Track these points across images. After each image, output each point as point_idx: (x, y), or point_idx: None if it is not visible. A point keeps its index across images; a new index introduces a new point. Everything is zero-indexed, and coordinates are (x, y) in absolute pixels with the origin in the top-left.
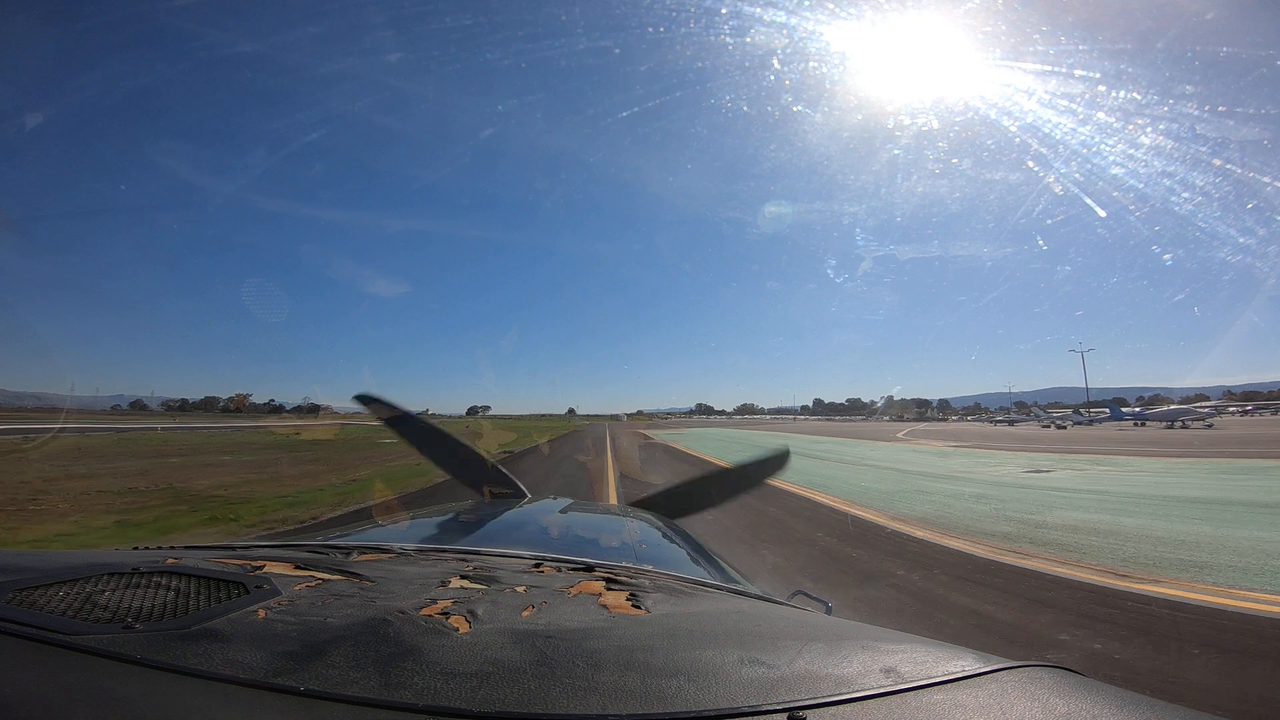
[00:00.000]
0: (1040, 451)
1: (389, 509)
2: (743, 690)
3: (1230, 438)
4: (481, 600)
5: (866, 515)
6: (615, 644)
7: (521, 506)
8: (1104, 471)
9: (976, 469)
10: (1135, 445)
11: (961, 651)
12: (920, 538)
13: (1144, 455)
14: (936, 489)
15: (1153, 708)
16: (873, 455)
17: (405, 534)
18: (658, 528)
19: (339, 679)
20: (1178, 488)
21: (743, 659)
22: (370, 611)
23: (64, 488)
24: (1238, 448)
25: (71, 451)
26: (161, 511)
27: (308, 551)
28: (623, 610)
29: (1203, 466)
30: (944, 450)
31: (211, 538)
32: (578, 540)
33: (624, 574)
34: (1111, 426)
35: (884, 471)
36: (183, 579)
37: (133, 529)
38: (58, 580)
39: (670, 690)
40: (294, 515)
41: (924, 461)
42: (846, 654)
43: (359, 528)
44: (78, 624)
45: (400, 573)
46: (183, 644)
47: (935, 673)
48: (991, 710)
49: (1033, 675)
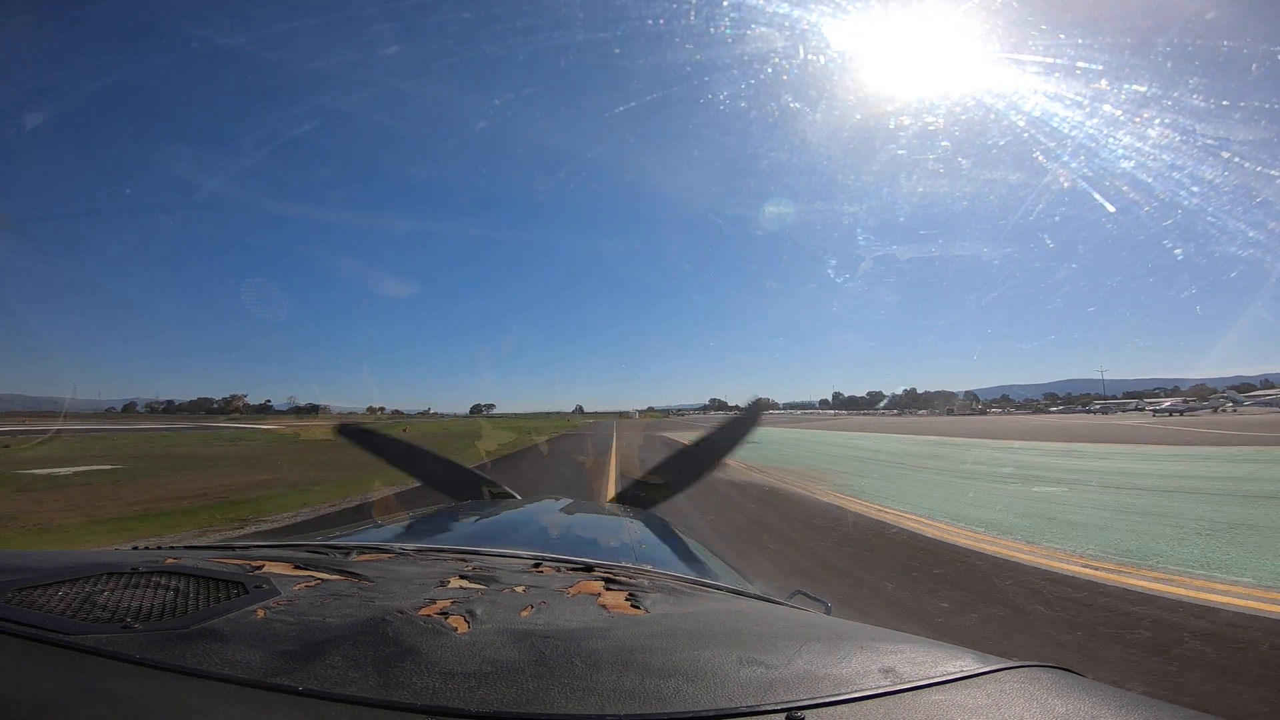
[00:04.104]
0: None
1: (388, 508)
2: (741, 690)
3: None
4: (480, 600)
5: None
6: (614, 644)
7: (521, 506)
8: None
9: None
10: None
11: (960, 652)
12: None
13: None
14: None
15: (1152, 708)
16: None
17: (404, 534)
18: (657, 528)
19: (338, 679)
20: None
21: (741, 659)
22: (369, 611)
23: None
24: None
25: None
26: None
27: (307, 551)
28: (621, 610)
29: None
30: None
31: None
32: (577, 540)
33: (623, 574)
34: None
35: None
36: (182, 579)
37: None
38: (57, 580)
39: (669, 690)
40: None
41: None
42: (845, 654)
43: (358, 527)
44: (77, 624)
45: (399, 573)
46: (182, 644)
47: (934, 673)
48: (990, 710)
49: (1031, 675)
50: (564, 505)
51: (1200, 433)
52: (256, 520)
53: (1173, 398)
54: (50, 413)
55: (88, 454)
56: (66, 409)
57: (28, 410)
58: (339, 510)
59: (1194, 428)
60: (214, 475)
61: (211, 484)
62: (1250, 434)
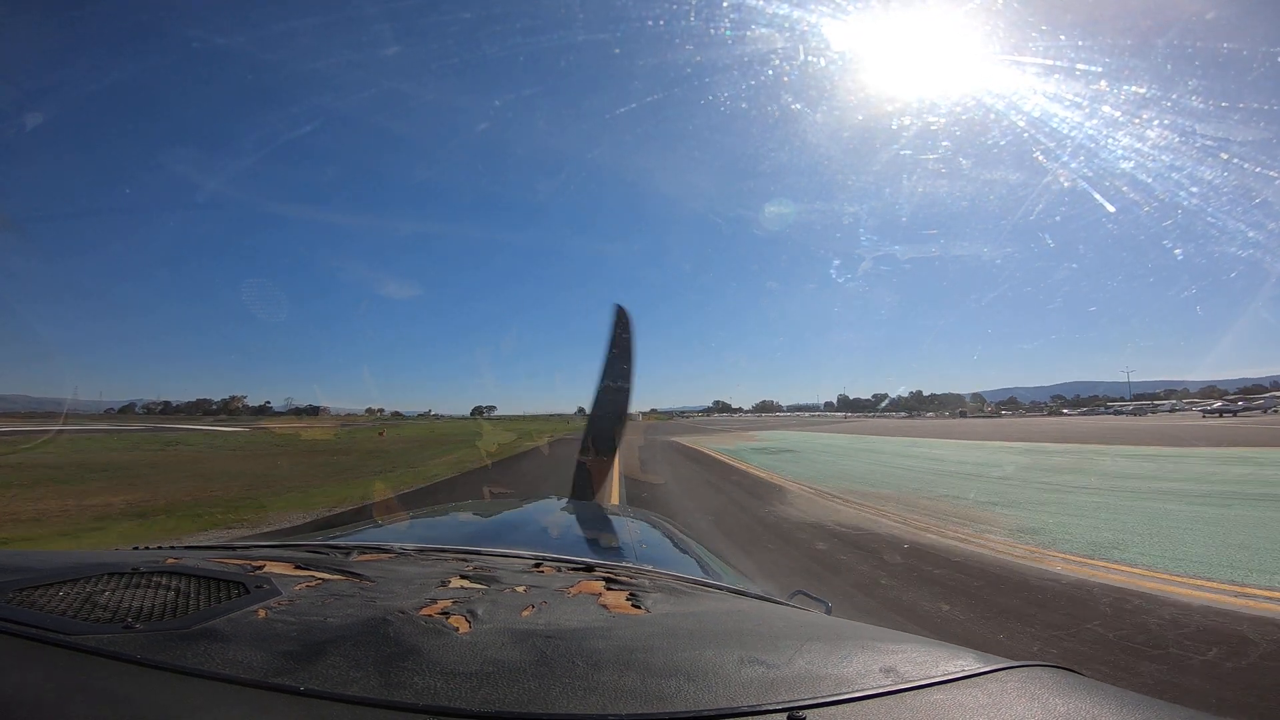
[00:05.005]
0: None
1: (389, 509)
2: (742, 690)
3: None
4: (481, 600)
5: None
6: (615, 644)
7: (521, 506)
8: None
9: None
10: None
11: (961, 651)
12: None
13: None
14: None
15: (1152, 707)
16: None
17: (405, 534)
18: (658, 528)
19: (339, 679)
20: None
21: (742, 659)
22: (370, 611)
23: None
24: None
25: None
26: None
27: (308, 551)
28: (622, 610)
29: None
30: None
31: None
32: (578, 540)
33: (624, 574)
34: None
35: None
36: (183, 579)
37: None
38: (58, 580)
39: (670, 690)
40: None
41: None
42: (846, 654)
43: (359, 527)
44: (78, 624)
45: (400, 573)
46: (183, 644)
47: (935, 672)
48: (991, 710)
49: (1032, 675)
50: (564, 505)
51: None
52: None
53: (1208, 399)
54: (52, 413)
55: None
56: (67, 410)
57: (30, 411)
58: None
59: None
60: (71, 491)
61: (45, 505)
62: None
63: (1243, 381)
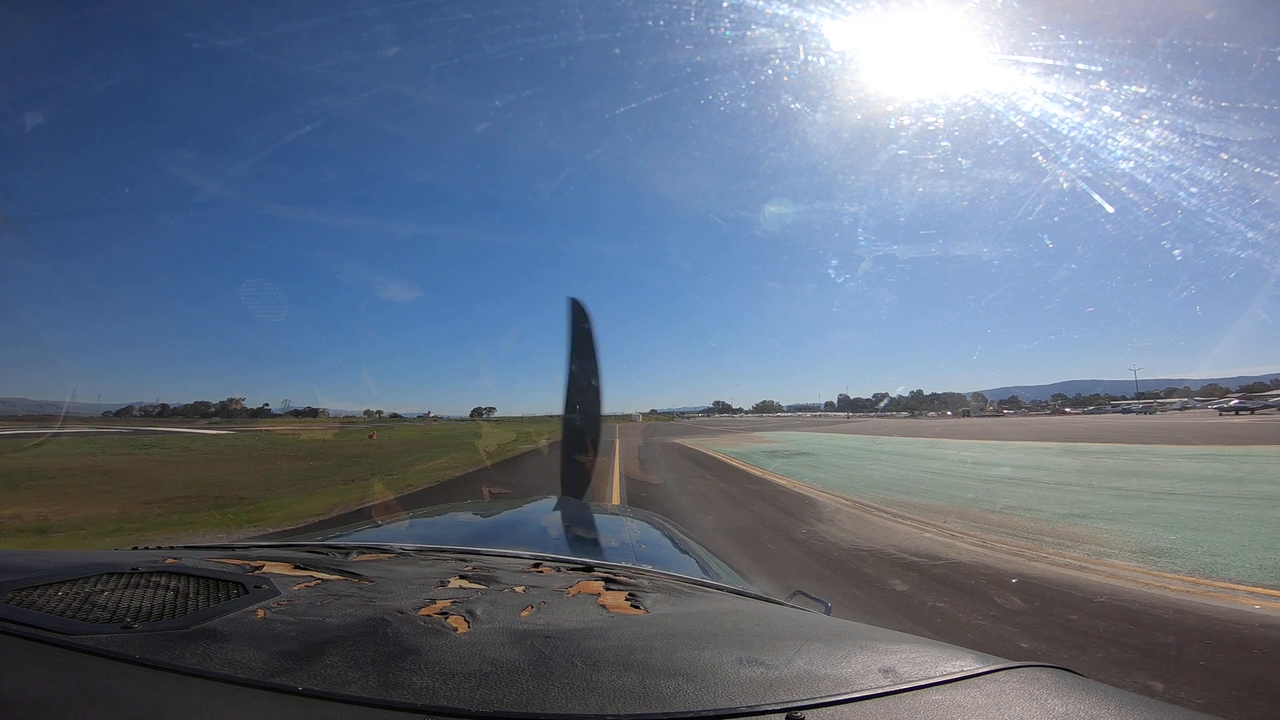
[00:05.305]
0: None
1: (389, 509)
2: (741, 690)
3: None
4: (480, 600)
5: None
6: (614, 644)
7: (521, 506)
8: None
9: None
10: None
11: (960, 652)
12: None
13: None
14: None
15: (1151, 708)
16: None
17: (404, 534)
18: (657, 528)
19: (338, 679)
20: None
21: (741, 659)
22: (369, 611)
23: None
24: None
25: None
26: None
27: (307, 551)
28: (621, 610)
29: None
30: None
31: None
32: (577, 540)
33: (623, 574)
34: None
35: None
36: (182, 579)
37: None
38: (57, 580)
39: (669, 690)
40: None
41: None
42: (845, 654)
43: (358, 528)
44: (77, 624)
45: (399, 573)
46: (182, 644)
47: (934, 673)
48: (990, 710)
49: (1031, 675)
50: (564, 505)
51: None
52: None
53: (1210, 396)
54: (51, 416)
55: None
56: (65, 413)
57: (29, 414)
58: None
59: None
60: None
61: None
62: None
63: (1242, 379)
